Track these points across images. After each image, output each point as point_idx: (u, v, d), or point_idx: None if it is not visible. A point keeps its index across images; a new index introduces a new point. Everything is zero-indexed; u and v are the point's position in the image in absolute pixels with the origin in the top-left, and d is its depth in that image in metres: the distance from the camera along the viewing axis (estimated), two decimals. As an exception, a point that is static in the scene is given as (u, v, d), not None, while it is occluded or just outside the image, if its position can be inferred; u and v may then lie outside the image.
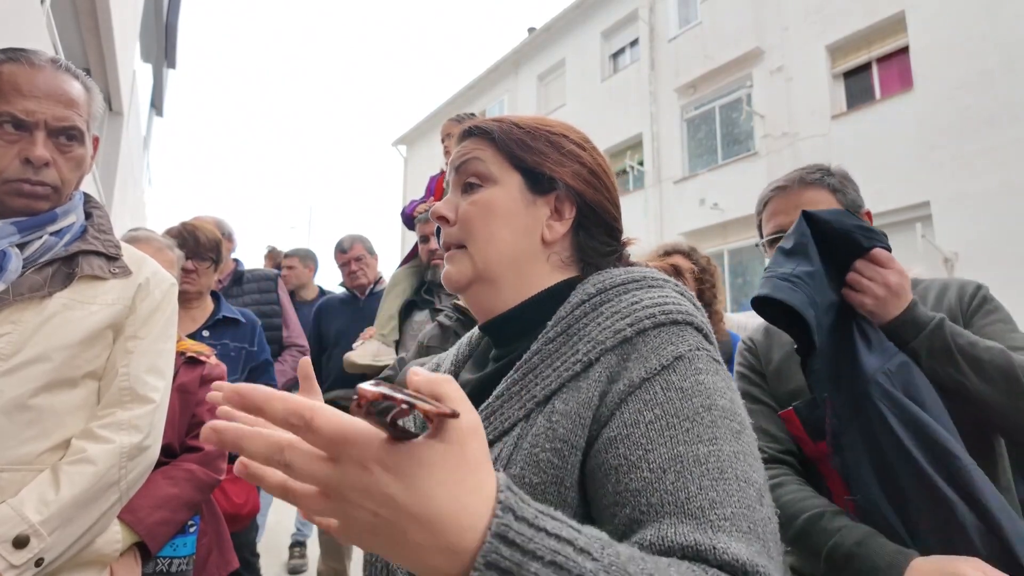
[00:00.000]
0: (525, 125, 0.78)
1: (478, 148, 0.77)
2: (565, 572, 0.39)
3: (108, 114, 5.20)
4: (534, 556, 0.39)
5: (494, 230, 0.74)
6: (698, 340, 0.64)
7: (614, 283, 0.71)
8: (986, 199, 8.37)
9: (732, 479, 0.53)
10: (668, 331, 0.64)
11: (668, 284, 0.71)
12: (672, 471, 0.54)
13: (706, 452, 0.55)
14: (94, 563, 1.13)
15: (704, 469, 0.54)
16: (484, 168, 0.76)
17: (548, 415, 0.63)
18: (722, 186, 11.71)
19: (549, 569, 0.39)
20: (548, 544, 0.39)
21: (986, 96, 8.56)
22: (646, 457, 0.56)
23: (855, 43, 10.42)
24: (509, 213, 0.75)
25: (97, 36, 4.32)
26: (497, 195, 0.75)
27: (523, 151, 0.76)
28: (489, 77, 18.38)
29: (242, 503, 2.08)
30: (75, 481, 1.03)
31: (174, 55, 10.08)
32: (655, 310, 0.65)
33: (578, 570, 0.39)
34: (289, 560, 3.95)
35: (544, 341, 0.69)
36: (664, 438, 0.56)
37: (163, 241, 1.92)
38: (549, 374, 0.66)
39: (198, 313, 2.33)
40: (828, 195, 1.28)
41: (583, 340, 0.66)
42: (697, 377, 0.60)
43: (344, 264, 3.38)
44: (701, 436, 0.56)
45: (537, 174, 0.76)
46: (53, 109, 1.08)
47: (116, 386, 1.14)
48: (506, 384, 0.68)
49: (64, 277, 1.11)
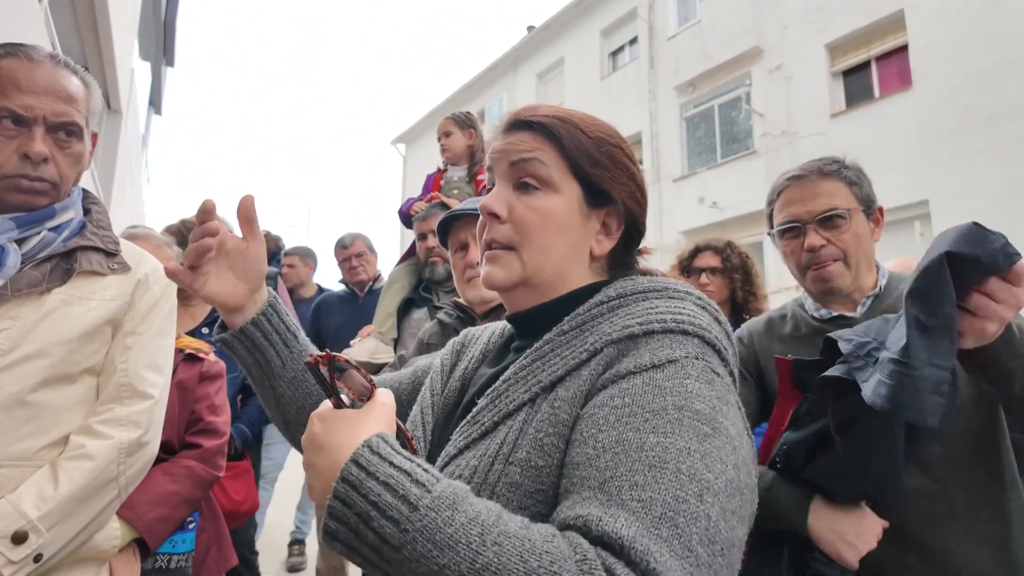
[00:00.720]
0: (590, 133, 0.76)
1: (540, 148, 0.75)
2: (393, 491, 0.52)
3: (107, 112, 5.19)
4: (373, 476, 0.54)
5: (551, 240, 0.74)
6: (700, 350, 0.63)
7: (636, 289, 0.72)
8: (985, 198, 8.37)
9: (671, 471, 0.52)
10: (673, 337, 0.64)
11: (690, 297, 0.71)
12: (611, 452, 0.55)
13: (653, 442, 0.54)
14: (93, 559, 1.13)
15: (642, 455, 0.53)
16: (546, 173, 0.74)
17: (552, 401, 0.65)
18: (721, 185, 11.71)
19: (382, 487, 0.53)
20: (386, 471, 0.54)
21: (985, 95, 8.56)
22: (596, 436, 0.57)
23: (854, 42, 10.41)
24: (568, 225, 0.75)
25: (95, 34, 4.31)
26: (558, 205, 0.74)
27: (590, 165, 0.75)
28: (488, 75, 18.36)
29: (241, 500, 2.08)
30: (74, 477, 1.03)
31: (173, 53, 10.06)
32: (667, 316, 0.65)
33: (404, 491, 0.52)
34: (288, 558, 3.95)
35: (557, 332, 0.71)
36: (620, 423, 0.57)
37: (162, 239, 1.92)
38: (557, 362, 0.68)
39: (197, 311, 2.33)
40: (845, 187, 1.26)
41: (593, 334, 0.68)
42: (683, 380, 0.59)
43: (345, 260, 3.39)
44: (656, 428, 0.55)
45: (597, 189, 0.75)
46: (52, 105, 1.08)
47: (115, 382, 1.14)
48: (514, 369, 0.70)
49: (63, 273, 1.11)
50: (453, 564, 0.48)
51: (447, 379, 0.87)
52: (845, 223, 1.24)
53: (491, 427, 0.68)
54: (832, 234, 1.24)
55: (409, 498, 0.51)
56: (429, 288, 2.62)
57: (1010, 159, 8.21)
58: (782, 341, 1.34)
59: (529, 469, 0.62)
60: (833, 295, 1.28)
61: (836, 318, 1.28)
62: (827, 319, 1.29)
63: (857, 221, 1.25)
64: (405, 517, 0.50)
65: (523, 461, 0.62)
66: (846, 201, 1.25)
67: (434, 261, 2.55)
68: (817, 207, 1.25)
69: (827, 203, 1.25)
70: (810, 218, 1.26)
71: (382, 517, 0.51)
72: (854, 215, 1.25)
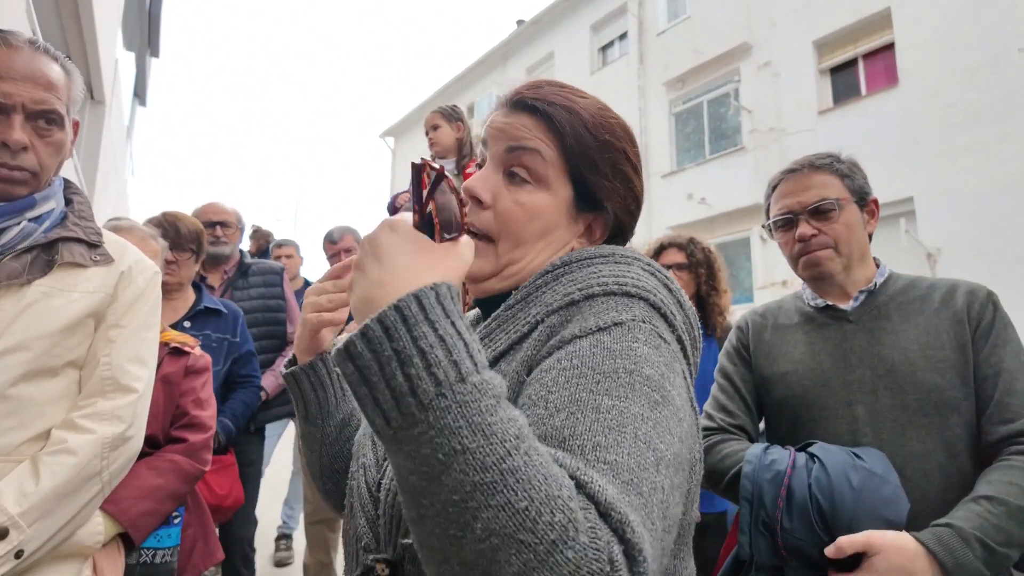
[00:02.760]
0: (598, 135, 0.72)
1: (540, 139, 0.71)
2: (447, 351, 0.46)
3: (90, 103, 5.11)
4: (431, 325, 0.47)
5: (530, 238, 0.72)
6: (647, 313, 0.61)
7: (580, 257, 0.70)
8: (969, 195, 8.48)
9: (629, 436, 0.49)
10: (616, 300, 0.62)
11: (638, 262, 0.69)
12: (565, 411, 0.52)
13: (609, 404, 0.51)
14: (76, 555, 1.11)
15: (599, 417, 0.50)
16: (541, 168, 0.71)
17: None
18: (709, 181, 11.77)
19: (437, 340, 0.46)
20: (447, 328, 0.47)
21: (970, 93, 8.66)
22: (547, 397, 0.54)
23: (842, 39, 10.48)
24: (552, 226, 0.73)
25: (78, 23, 4.24)
26: (546, 205, 0.72)
27: (589, 170, 0.72)
28: (478, 69, 18.31)
29: (225, 494, 2.06)
30: (55, 472, 1.02)
31: (158, 43, 9.92)
32: (609, 279, 0.64)
33: (458, 357, 0.46)
34: (275, 552, 3.93)
35: (504, 307, 0.69)
36: (571, 385, 0.54)
37: (147, 231, 1.89)
38: (500, 338, 0.66)
39: (179, 304, 2.30)
40: (836, 180, 1.30)
41: (535, 305, 0.66)
42: (631, 344, 0.57)
43: (334, 255, 3.36)
44: (610, 391, 0.52)
45: (592, 197, 0.73)
46: (31, 92, 1.06)
47: (98, 375, 1.12)
48: None
49: (43, 264, 1.09)
50: (479, 451, 0.42)
51: None
52: (835, 213, 1.28)
53: None
54: (823, 224, 1.28)
55: (461, 366, 0.45)
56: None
57: (994, 156, 8.32)
58: (775, 328, 1.38)
59: None
60: (824, 280, 1.30)
61: (827, 307, 1.31)
62: (820, 307, 1.32)
63: (849, 212, 1.29)
64: (448, 382, 0.44)
65: None
66: (837, 193, 1.29)
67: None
68: (808, 199, 1.29)
69: (817, 195, 1.29)
70: (801, 209, 1.29)
71: (424, 369, 0.44)
72: (845, 206, 1.28)
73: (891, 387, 1.16)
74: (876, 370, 1.19)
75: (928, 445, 1.12)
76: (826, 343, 1.27)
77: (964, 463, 1.12)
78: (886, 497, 1.02)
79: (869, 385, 1.19)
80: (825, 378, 1.24)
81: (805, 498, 1.04)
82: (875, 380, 1.18)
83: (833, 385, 1.22)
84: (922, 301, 1.23)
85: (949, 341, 1.17)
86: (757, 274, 11.01)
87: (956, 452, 1.12)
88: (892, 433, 1.14)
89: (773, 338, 1.36)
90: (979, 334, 1.16)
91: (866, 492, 1.01)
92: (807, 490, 1.04)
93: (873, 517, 1.00)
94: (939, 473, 1.11)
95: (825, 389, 1.23)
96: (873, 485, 1.02)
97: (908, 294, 1.26)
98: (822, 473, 1.05)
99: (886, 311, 1.25)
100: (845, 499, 1.01)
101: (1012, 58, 8.29)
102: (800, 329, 1.33)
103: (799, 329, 1.33)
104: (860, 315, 1.26)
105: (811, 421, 1.23)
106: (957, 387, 1.13)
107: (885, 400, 1.16)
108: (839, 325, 1.27)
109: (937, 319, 1.20)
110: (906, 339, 1.19)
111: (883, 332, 1.22)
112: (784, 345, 1.33)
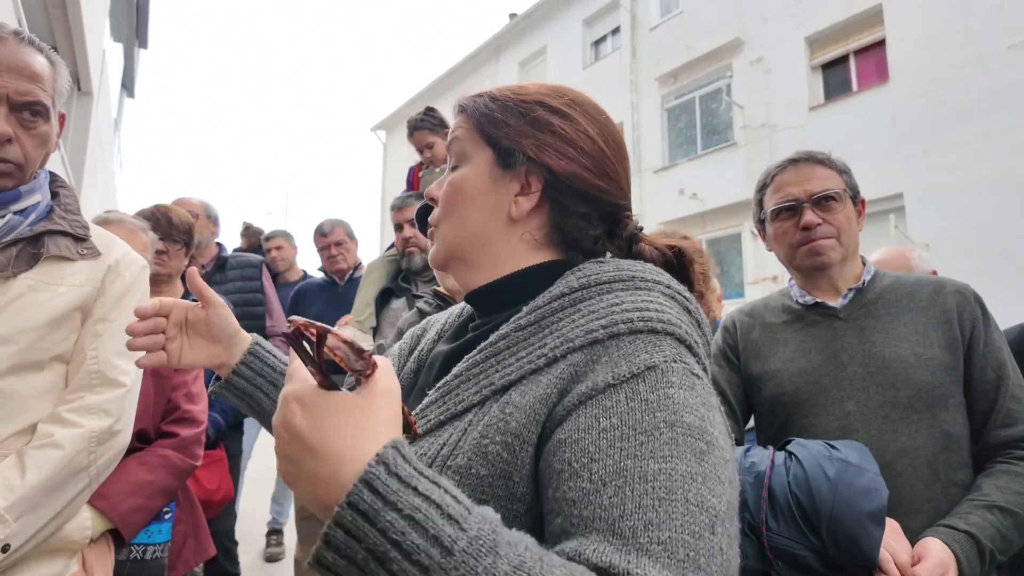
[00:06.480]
0: (500, 96, 0.75)
1: (460, 127, 0.76)
2: (422, 529, 0.42)
3: (77, 95, 5.05)
4: (394, 507, 0.43)
5: (462, 211, 0.74)
6: (676, 352, 0.59)
7: (599, 280, 0.67)
8: (958, 191, 8.55)
9: (680, 501, 0.48)
10: (644, 339, 0.59)
11: (658, 286, 0.67)
12: (612, 485, 0.50)
13: (656, 469, 0.50)
14: (63, 550, 1.11)
15: (648, 487, 0.49)
16: (461, 147, 0.75)
17: (503, 406, 0.60)
18: (701, 176, 11.80)
19: (406, 522, 0.42)
20: (411, 501, 0.43)
21: (959, 90, 8.72)
22: (590, 466, 0.52)
23: (833, 35, 10.52)
24: (476, 192, 0.73)
25: (65, 13, 4.18)
26: (467, 174, 0.74)
27: (492, 126, 0.73)
28: (470, 63, 18.22)
29: (214, 489, 2.06)
30: (41, 466, 1.01)
31: (146, 34, 9.81)
32: (634, 315, 0.61)
33: (435, 531, 0.42)
34: (266, 548, 3.92)
35: (514, 327, 0.66)
36: (614, 449, 0.52)
37: (136, 223, 1.87)
38: (511, 363, 0.63)
39: (168, 296, 2.28)
40: (836, 174, 1.32)
41: (553, 335, 0.63)
42: (667, 391, 0.55)
43: (324, 248, 3.33)
44: (655, 452, 0.51)
45: (506, 149, 0.72)
46: (16, 83, 1.04)
47: (85, 369, 1.11)
48: (466, 364, 0.66)
49: (29, 257, 1.08)
50: None
51: (404, 363, 0.85)
52: (839, 205, 1.29)
53: (436, 426, 0.64)
54: (827, 214, 1.29)
55: (442, 540, 0.42)
56: (408, 278, 2.63)
57: (982, 153, 8.39)
58: (763, 327, 1.38)
59: (469, 477, 0.58)
60: (823, 270, 1.30)
61: (816, 305, 1.31)
62: (809, 305, 1.32)
63: (848, 206, 1.31)
64: (437, 564, 0.41)
65: (462, 468, 0.58)
66: (838, 185, 1.31)
67: (411, 251, 2.57)
68: (813, 188, 1.30)
69: (822, 184, 1.30)
70: (807, 197, 1.30)
71: (406, 560, 0.41)
72: (846, 199, 1.31)
73: (883, 384, 1.18)
74: (867, 367, 1.20)
75: (918, 440, 1.14)
76: (816, 341, 1.28)
77: (951, 458, 1.15)
78: (862, 486, 1.02)
79: (861, 382, 1.20)
80: (816, 375, 1.24)
81: (786, 496, 1.05)
82: (866, 377, 1.20)
83: (825, 382, 1.23)
84: (909, 298, 1.25)
85: (938, 340, 1.19)
86: (748, 269, 11.06)
87: (944, 447, 1.14)
88: (883, 429, 1.16)
89: (762, 336, 1.36)
90: (974, 336, 1.19)
91: (842, 482, 1.02)
92: (787, 488, 1.05)
93: (853, 510, 1.01)
94: (927, 468, 1.14)
95: (817, 386, 1.24)
96: (849, 475, 1.03)
97: (895, 291, 1.27)
98: (799, 469, 1.06)
99: (875, 309, 1.26)
100: (822, 491, 1.02)
101: (1001, 56, 8.35)
102: (790, 327, 1.33)
103: (788, 327, 1.33)
104: (850, 312, 1.27)
105: (803, 418, 1.24)
106: (946, 384, 1.16)
107: (876, 397, 1.18)
108: (829, 323, 1.28)
109: (925, 317, 1.22)
110: (896, 337, 1.21)
111: (873, 330, 1.23)
112: (774, 343, 1.33)
